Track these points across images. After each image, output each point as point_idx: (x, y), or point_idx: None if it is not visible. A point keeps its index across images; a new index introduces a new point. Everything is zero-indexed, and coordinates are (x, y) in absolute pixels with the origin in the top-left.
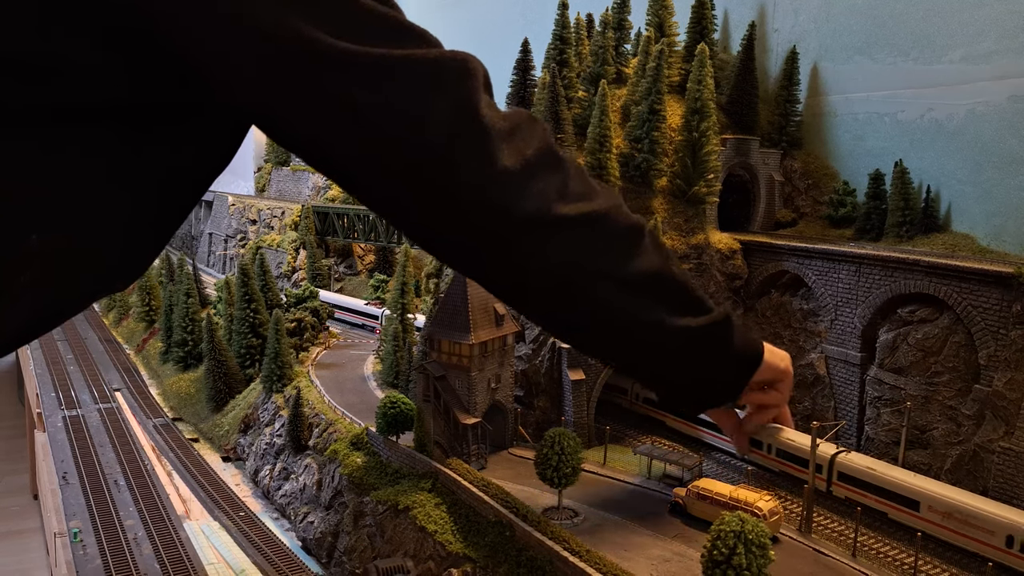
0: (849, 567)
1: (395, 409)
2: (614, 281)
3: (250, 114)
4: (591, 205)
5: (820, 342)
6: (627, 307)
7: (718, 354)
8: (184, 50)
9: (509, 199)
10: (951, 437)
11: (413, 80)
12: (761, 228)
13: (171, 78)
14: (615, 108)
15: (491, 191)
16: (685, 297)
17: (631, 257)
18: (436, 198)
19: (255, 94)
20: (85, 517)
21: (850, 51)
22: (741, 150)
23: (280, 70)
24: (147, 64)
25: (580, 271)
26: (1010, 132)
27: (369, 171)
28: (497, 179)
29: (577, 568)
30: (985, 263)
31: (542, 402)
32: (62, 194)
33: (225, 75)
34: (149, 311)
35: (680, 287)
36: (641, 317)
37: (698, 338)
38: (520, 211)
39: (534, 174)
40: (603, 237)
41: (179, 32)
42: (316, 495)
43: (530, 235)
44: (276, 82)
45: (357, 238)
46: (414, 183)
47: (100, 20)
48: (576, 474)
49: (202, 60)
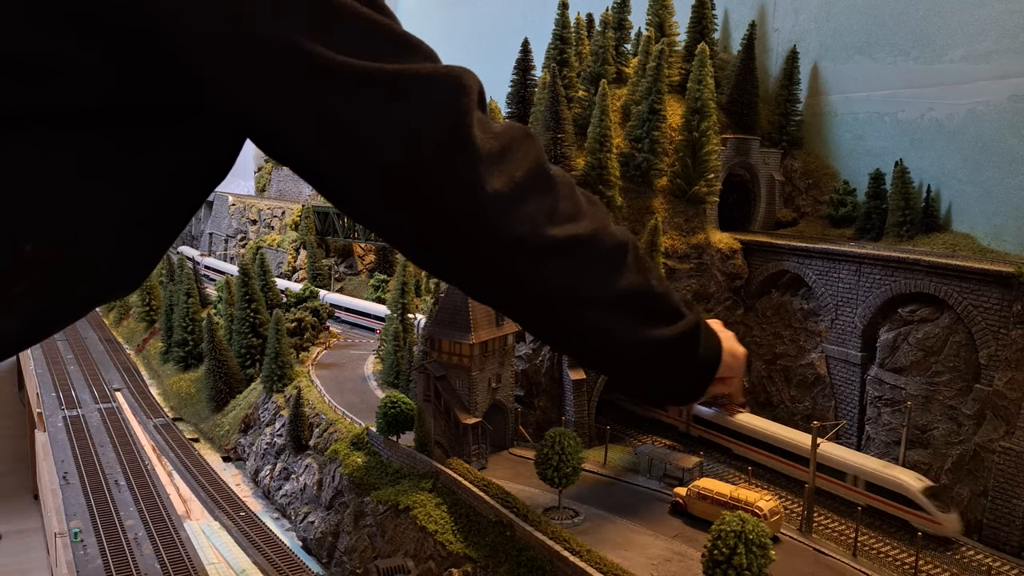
0: (850, 567)
1: (395, 409)
2: (598, 303)
3: (240, 120)
4: (578, 227)
5: (820, 342)
6: (609, 326)
7: (689, 359)
8: (183, 51)
9: (498, 223)
10: (952, 437)
11: (406, 97)
12: (761, 228)
13: (169, 79)
14: (615, 108)
15: (480, 215)
16: (663, 307)
17: (614, 277)
18: (424, 219)
19: (246, 100)
20: (85, 517)
21: (850, 51)
22: (741, 150)
23: (272, 77)
24: (146, 65)
25: (566, 294)
26: (1010, 132)
27: (358, 189)
28: (486, 203)
29: (578, 568)
30: (985, 263)
31: (542, 402)
32: (58, 200)
33: (220, 78)
34: (149, 311)
35: (659, 299)
36: (622, 334)
37: (673, 346)
38: (509, 235)
39: (524, 197)
40: (589, 260)
41: (179, 33)
42: (317, 495)
43: (518, 259)
44: (267, 88)
45: (357, 238)
46: (402, 204)
47: (100, 19)
48: (576, 474)
49: (200, 62)
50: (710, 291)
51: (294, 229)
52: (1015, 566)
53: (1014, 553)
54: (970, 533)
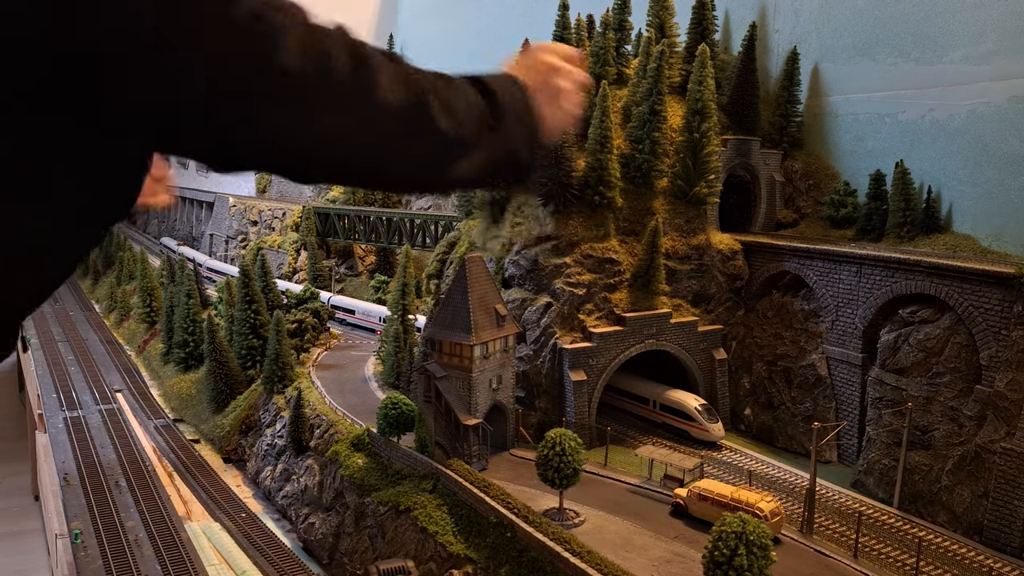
0: (850, 568)
1: (396, 410)
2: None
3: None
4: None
5: (821, 343)
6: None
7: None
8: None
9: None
10: (952, 438)
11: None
12: (762, 229)
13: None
14: (616, 109)
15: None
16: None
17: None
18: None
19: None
20: (86, 518)
21: (851, 52)
22: (742, 151)
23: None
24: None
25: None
26: (1011, 132)
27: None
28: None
29: (578, 569)
30: (986, 264)
31: (543, 403)
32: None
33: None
34: (150, 312)
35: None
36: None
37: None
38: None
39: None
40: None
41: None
42: (317, 496)
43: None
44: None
45: (358, 239)
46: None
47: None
48: (577, 475)
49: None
50: (711, 292)
51: (295, 230)
52: (1016, 567)
53: (1015, 554)
54: (971, 534)
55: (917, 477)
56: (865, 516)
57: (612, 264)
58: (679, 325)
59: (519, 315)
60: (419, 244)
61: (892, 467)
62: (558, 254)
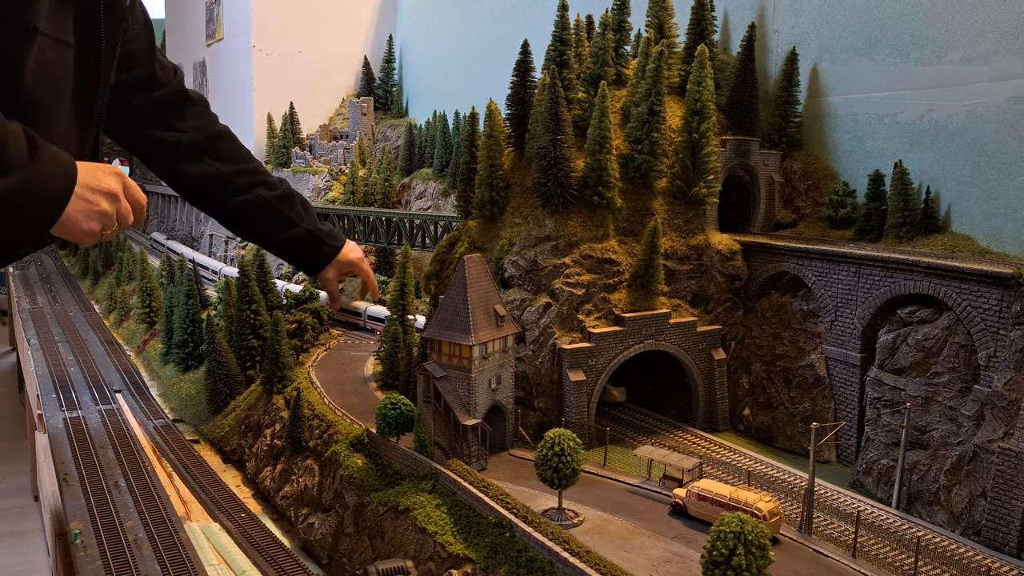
0: (849, 568)
1: (395, 410)
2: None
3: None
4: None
5: (820, 343)
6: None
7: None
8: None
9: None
10: (951, 438)
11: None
12: (761, 229)
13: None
14: (615, 109)
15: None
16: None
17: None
18: None
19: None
20: (86, 519)
21: (850, 52)
22: (741, 151)
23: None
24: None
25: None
26: (1010, 133)
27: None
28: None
29: (577, 569)
30: (985, 264)
31: (542, 403)
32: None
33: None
34: (150, 312)
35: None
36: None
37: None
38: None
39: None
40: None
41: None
42: (317, 496)
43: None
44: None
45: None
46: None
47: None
48: (576, 475)
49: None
50: (710, 292)
51: None
52: (1015, 567)
53: (1013, 554)
54: (969, 534)
55: (916, 477)
56: (864, 516)
57: (611, 264)
58: (678, 325)
59: (518, 315)
60: (418, 244)
61: (891, 467)
62: (557, 254)
